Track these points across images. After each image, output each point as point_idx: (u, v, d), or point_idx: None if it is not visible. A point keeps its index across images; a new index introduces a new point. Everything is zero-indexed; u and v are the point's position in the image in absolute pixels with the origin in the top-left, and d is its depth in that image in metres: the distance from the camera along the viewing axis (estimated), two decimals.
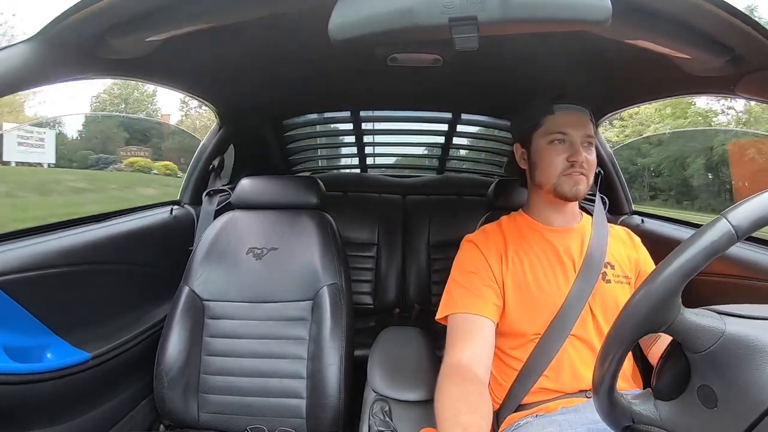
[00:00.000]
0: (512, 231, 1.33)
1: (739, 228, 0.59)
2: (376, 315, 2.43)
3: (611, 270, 1.25)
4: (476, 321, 1.19)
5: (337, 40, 0.80)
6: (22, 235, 1.28)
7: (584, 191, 1.24)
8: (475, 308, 1.20)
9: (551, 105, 1.26)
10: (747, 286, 1.31)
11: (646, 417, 0.66)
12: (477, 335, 1.17)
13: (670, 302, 0.61)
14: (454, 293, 1.25)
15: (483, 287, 1.23)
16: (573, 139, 1.23)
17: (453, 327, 1.21)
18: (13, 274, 1.16)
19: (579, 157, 1.21)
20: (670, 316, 0.61)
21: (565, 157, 1.23)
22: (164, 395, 1.44)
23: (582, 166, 1.22)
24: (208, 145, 2.13)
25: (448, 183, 2.83)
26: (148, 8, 0.96)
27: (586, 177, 1.23)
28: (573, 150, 1.22)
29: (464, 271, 1.27)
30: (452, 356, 1.15)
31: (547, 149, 1.25)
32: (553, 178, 1.24)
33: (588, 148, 1.25)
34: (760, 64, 1.00)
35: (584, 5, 0.74)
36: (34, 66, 0.97)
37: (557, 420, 1.07)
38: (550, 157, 1.24)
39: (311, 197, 1.70)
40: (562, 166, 1.23)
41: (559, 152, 1.23)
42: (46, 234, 1.34)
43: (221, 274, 1.58)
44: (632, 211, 2.07)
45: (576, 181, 1.22)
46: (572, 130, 1.23)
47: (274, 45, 1.38)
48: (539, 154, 1.27)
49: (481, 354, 1.15)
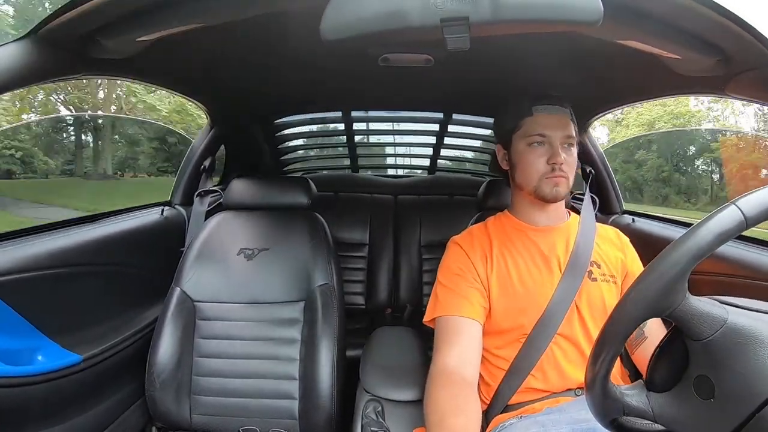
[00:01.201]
0: (497, 231, 1.33)
1: (749, 216, 0.60)
2: (368, 315, 2.43)
3: (597, 269, 1.26)
4: (462, 323, 1.19)
5: (329, 40, 0.79)
6: (11, 237, 1.27)
7: (564, 192, 1.24)
8: (461, 310, 1.20)
9: (530, 106, 1.25)
10: (744, 285, 1.31)
11: (638, 409, 0.66)
12: (463, 337, 1.17)
13: (678, 285, 0.60)
14: (440, 296, 1.26)
15: (468, 289, 1.23)
16: (552, 140, 1.23)
17: (440, 330, 1.21)
18: (2, 276, 1.15)
19: (558, 159, 1.21)
20: (676, 300, 0.61)
21: (545, 160, 1.22)
22: (156, 397, 1.43)
23: (562, 168, 1.22)
24: (199, 145, 2.12)
25: (440, 183, 2.84)
26: (138, 8, 0.96)
27: (566, 178, 1.23)
28: (552, 152, 1.22)
29: (450, 273, 1.28)
30: (439, 360, 1.15)
31: (527, 151, 1.25)
32: (533, 181, 1.24)
33: (568, 148, 1.25)
34: (749, 65, 1.01)
35: (575, 6, 0.74)
36: (25, 65, 0.96)
37: (541, 420, 1.07)
38: (530, 159, 1.24)
39: (302, 198, 1.70)
40: (543, 170, 1.23)
41: (539, 154, 1.23)
42: (37, 236, 1.32)
43: (212, 275, 1.57)
44: (623, 211, 2.09)
45: (556, 183, 1.22)
46: (551, 132, 1.23)
47: (265, 45, 1.37)
48: (519, 156, 1.27)
49: (469, 356, 1.16)
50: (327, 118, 2.60)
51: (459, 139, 2.73)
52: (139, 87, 13.25)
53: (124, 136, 16.49)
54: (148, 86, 1.64)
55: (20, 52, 0.95)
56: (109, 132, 15.65)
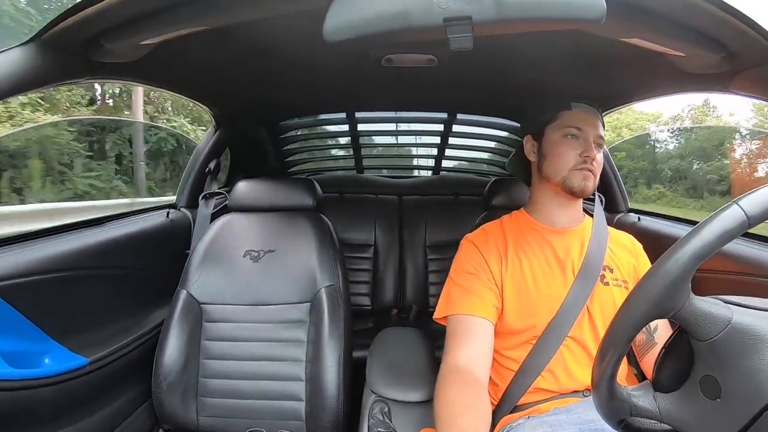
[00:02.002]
0: (513, 231, 1.32)
1: (751, 215, 0.59)
2: (374, 316, 2.43)
3: (610, 273, 1.25)
4: (475, 322, 1.18)
5: (332, 41, 0.79)
6: (19, 241, 1.28)
7: (591, 189, 1.25)
8: (474, 309, 1.20)
9: (569, 101, 1.28)
10: (752, 283, 1.31)
11: (645, 410, 0.65)
12: (476, 337, 1.17)
13: (681, 286, 0.60)
14: (453, 294, 1.25)
15: (482, 288, 1.22)
16: (587, 136, 1.25)
17: (452, 328, 1.21)
18: (10, 279, 1.15)
19: (591, 153, 1.23)
20: (679, 301, 0.61)
21: (578, 153, 1.24)
22: (163, 399, 1.44)
23: (593, 163, 1.24)
24: (204, 147, 2.12)
25: (445, 183, 2.83)
26: (142, 11, 0.96)
27: (594, 175, 1.25)
28: (587, 146, 1.24)
29: (463, 271, 1.27)
30: (451, 358, 1.15)
31: (561, 142, 1.26)
32: (563, 171, 1.25)
33: (598, 148, 1.27)
34: (754, 61, 1.00)
35: (579, 4, 0.74)
36: (29, 70, 0.97)
37: (548, 421, 1.07)
38: (563, 150, 1.26)
39: (308, 199, 1.70)
40: (574, 161, 1.24)
41: (573, 147, 1.25)
42: (44, 239, 1.33)
43: (218, 277, 1.57)
44: (628, 209, 2.08)
45: (585, 177, 1.23)
46: (587, 128, 1.25)
47: (269, 47, 1.37)
48: (552, 147, 1.28)
49: (480, 355, 1.15)
50: (332, 119, 2.60)
51: (463, 139, 2.73)
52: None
53: None
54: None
55: (24, 57, 0.96)
56: None
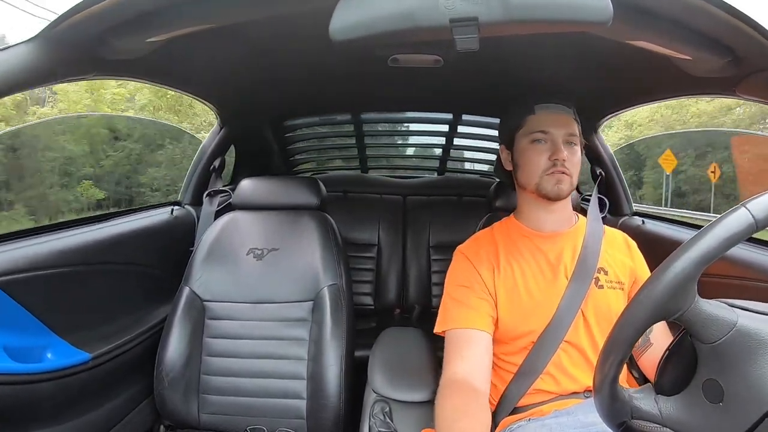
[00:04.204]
0: (504, 238, 1.31)
1: (759, 218, 0.59)
2: (377, 316, 2.43)
3: (604, 275, 1.24)
4: (472, 335, 1.18)
5: (338, 41, 0.79)
6: (23, 236, 1.28)
7: (567, 190, 1.23)
8: (469, 323, 1.19)
9: (532, 105, 1.25)
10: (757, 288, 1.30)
11: (646, 412, 0.65)
12: (473, 349, 1.17)
13: (688, 287, 0.60)
14: (449, 308, 1.25)
15: (477, 300, 1.22)
16: (554, 137, 1.22)
17: (450, 342, 1.21)
18: (13, 274, 1.16)
19: (560, 155, 1.20)
20: (685, 303, 0.60)
21: (547, 156, 1.22)
22: (165, 396, 1.44)
23: (564, 164, 1.21)
24: (209, 145, 2.13)
25: (449, 184, 2.83)
26: (149, 9, 0.96)
27: (569, 176, 1.22)
28: (554, 148, 1.21)
29: (457, 284, 1.27)
30: (450, 371, 1.15)
31: (529, 149, 1.25)
32: (535, 178, 1.23)
33: (571, 146, 1.24)
34: (761, 65, 1.00)
35: (585, 6, 0.74)
36: (35, 66, 0.97)
37: (549, 423, 1.07)
38: (532, 156, 1.24)
39: (312, 198, 1.70)
40: (545, 165, 1.22)
41: (541, 151, 1.23)
42: (48, 234, 1.33)
43: (222, 275, 1.57)
44: (633, 212, 2.07)
45: (558, 180, 1.21)
46: (553, 129, 1.22)
47: (275, 46, 1.37)
48: (521, 154, 1.27)
49: (479, 367, 1.15)
50: (337, 119, 2.61)
51: (468, 140, 2.72)
52: None
53: None
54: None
55: (30, 53, 0.96)
56: None
